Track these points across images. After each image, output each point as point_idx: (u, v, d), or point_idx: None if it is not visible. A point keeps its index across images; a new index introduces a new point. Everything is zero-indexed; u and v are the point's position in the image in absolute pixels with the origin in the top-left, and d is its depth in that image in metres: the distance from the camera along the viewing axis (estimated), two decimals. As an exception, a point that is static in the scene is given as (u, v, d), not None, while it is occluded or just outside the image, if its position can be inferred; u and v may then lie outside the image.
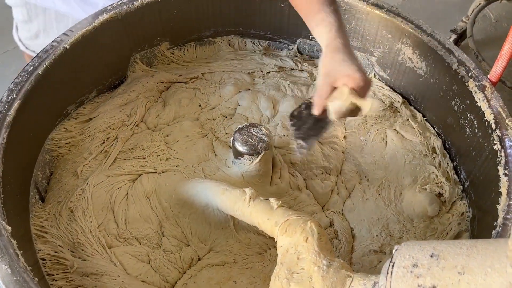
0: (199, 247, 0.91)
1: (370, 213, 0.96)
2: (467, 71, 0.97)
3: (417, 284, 0.51)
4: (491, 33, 1.48)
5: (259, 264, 0.89)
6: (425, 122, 1.12)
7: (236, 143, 0.93)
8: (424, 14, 1.84)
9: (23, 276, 0.66)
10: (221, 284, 0.85)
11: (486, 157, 0.90)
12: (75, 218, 0.91)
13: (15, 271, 0.66)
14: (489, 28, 1.62)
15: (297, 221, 0.75)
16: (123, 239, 0.90)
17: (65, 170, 1.00)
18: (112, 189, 0.96)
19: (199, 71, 1.21)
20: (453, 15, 1.96)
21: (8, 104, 0.87)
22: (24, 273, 0.66)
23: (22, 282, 0.65)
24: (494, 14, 1.70)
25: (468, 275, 0.48)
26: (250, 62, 1.25)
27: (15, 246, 0.70)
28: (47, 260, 0.85)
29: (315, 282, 0.66)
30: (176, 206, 0.95)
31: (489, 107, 0.90)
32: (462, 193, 0.99)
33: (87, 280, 0.83)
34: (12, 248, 0.69)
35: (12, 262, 0.67)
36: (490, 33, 1.48)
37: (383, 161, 1.04)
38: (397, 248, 0.57)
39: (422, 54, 1.07)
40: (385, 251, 0.91)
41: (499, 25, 1.62)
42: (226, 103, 1.13)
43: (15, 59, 1.40)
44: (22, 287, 0.64)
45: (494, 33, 1.48)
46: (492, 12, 1.70)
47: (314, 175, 1.03)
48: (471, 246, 0.51)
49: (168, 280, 0.86)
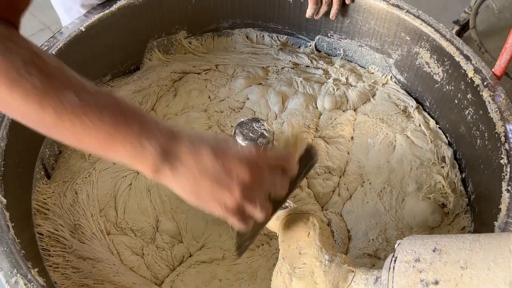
0: (192, 244, 0.91)
1: (369, 217, 0.95)
2: (483, 80, 0.93)
3: (420, 279, 0.51)
4: (494, 24, 1.42)
5: (248, 259, 0.89)
6: (438, 130, 1.08)
7: (236, 136, 0.93)
8: (427, 5, 1.78)
9: (10, 247, 0.68)
10: (207, 283, 0.85)
11: (493, 171, 0.87)
12: (78, 201, 0.93)
13: (3, 242, 0.69)
14: (492, 19, 1.55)
15: (299, 216, 0.75)
16: (120, 228, 0.92)
17: (73, 151, 1.03)
18: (117, 177, 0.98)
19: (213, 63, 1.21)
20: (455, 6, 1.91)
21: (19, 81, 0.90)
22: (12, 245, 0.68)
23: (8, 253, 0.67)
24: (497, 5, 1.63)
25: (470, 270, 0.48)
26: (266, 56, 1.24)
27: (7, 218, 0.72)
28: (45, 235, 0.88)
29: (317, 277, 0.66)
30: (175, 201, 0.95)
31: (501, 119, 0.87)
32: (467, 207, 0.96)
33: (83, 264, 0.85)
34: (4, 219, 0.71)
35: (1, 233, 0.70)
36: (493, 24, 1.42)
37: (389, 166, 1.01)
38: (399, 243, 0.57)
39: (440, 59, 1.03)
40: (379, 256, 0.90)
41: (502, 15, 1.55)
42: (235, 96, 1.13)
43: None
44: (8, 258, 0.67)
45: (497, 23, 1.42)
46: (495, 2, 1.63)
47: (316, 174, 1.02)
48: (474, 241, 0.51)
49: (159, 277, 0.87)
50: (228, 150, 0.54)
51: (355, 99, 1.13)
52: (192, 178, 0.52)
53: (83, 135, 0.49)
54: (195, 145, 0.52)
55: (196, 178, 0.52)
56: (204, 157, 0.51)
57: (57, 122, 0.49)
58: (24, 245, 0.72)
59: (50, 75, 0.50)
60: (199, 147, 0.52)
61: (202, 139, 0.53)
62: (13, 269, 0.66)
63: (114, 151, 0.50)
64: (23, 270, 0.66)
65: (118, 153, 0.50)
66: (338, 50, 1.25)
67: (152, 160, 0.50)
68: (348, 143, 1.06)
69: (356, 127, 1.09)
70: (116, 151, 0.50)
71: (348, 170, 1.02)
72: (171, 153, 0.51)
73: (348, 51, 1.24)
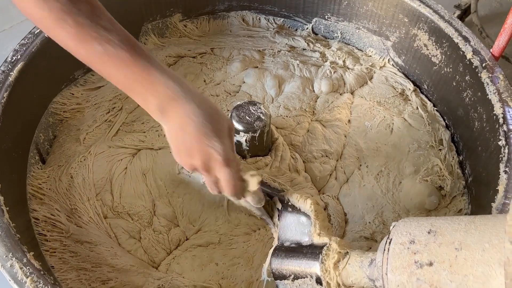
0: (188, 228, 0.91)
1: (365, 200, 0.94)
2: (482, 61, 0.92)
3: (414, 261, 0.51)
4: (495, 9, 1.40)
5: (244, 244, 0.89)
6: (436, 113, 1.08)
7: (233, 120, 0.92)
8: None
9: (5, 231, 0.68)
10: (203, 266, 0.85)
11: (491, 153, 0.86)
12: (74, 185, 0.93)
13: (-3, 226, 0.68)
14: (494, 4, 1.52)
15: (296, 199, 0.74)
16: (117, 212, 0.91)
17: (68, 136, 1.02)
18: (113, 161, 0.97)
19: (209, 46, 1.20)
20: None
21: (12, 64, 0.89)
22: (6, 229, 0.68)
23: (4, 237, 0.67)
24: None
25: (465, 251, 0.48)
26: (262, 39, 1.23)
27: (2, 202, 0.72)
28: (41, 220, 0.87)
29: None
30: (171, 185, 0.95)
31: (499, 101, 0.86)
32: (464, 189, 0.96)
33: (81, 248, 0.85)
34: (-2, 203, 0.71)
35: (-5, 217, 0.69)
36: (495, 8, 1.40)
37: (386, 148, 1.01)
38: (394, 225, 0.57)
39: (438, 41, 1.02)
40: (376, 239, 0.90)
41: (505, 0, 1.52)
42: (231, 79, 1.12)
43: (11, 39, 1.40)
44: (3, 242, 0.66)
45: (499, 8, 1.39)
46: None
47: (314, 158, 1.01)
48: (469, 222, 0.50)
49: (155, 261, 0.87)
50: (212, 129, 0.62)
51: (352, 82, 1.12)
52: (174, 137, 0.64)
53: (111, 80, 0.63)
54: (187, 114, 0.61)
55: (178, 138, 0.63)
56: (188, 128, 0.62)
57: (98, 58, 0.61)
58: (19, 230, 0.71)
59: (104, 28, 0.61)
60: (188, 118, 0.61)
61: (195, 112, 0.61)
62: (8, 253, 0.65)
63: (131, 96, 0.63)
64: (19, 254, 0.66)
65: (134, 98, 0.64)
66: (336, 33, 1.24)
67: (153, 112, 0.63)
68: (345, 126, 1.05)
69: (353, 110, 1.08)
70: (133, 97, 0.63)
71: (345, 153, 1.02)
72: (166, 112, 0.62)
73: (346, 33, 1.22)
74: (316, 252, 0.64)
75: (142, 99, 0.62)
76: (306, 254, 0.65)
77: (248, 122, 0.91)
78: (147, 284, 0.81)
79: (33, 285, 0.62)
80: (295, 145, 1.02)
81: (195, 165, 0.65)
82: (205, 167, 0.65)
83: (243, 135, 0.92)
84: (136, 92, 0.62)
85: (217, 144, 0.62)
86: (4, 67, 0.88)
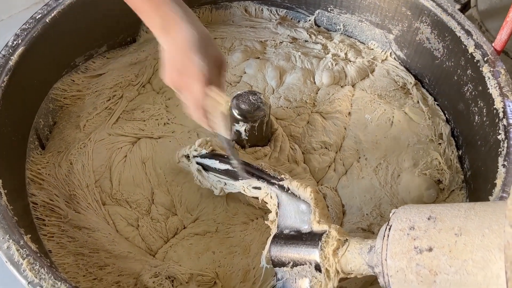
0: (186, 216, 0.91)
1: (364, 192, 0.94)
2: (483, 55, 0.92)
3: (414, 246, 0.51)
4: (496, 4, 1.38)
5: (241, 233, 0.89)
6: (436, 107, 1.08)
7: (233, 109, 0.92)
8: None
9: (3, 213, 0.67)
10: (200, 254, 0.86)
11: (490, 147, 0.86)
12: (73, 171, 0.93)
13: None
14: None
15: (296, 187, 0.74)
16: (115, 199, 0.91)
17: (68, 122, 1.02)
18: (113, 148, 0.97)
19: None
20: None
21: (13, 48, 0.88)
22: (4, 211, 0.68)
23: (0, 219, 0.67)
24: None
25: (465, 237, 0.48)
26: (264, 30, 1.22)
27: (0, 185, 0.71)
28: (40, 205, 0.87)
29: None
30: (170, 174, 0.95)
31: (500, 95, 0.86)
32: (463, 183, 0.96)
33: (79, 234, 0.85)
34: (-5, 186, 0.71)
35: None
36: (495, 3, 1.38)
37: (385, 141, 1.01)
38: (394, 211, 0.57)
39: (441, 34, 1.02)
40: (373, 231, 0.90)
41: None
42: (232, 70, 1.12)
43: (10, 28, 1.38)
44: (0, 224, 0.66)
45: (499, 3, 1.38)
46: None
47: (313, 149, 1.01)
48: (469, 209, 0.50)
49: (153, 249, 0.87)
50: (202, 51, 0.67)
51: (354, 74, 1.12)
52: (168, 54, 0.68)
53: None
54: (185, 35, 0.66)
55: (170, 54, 0.68)
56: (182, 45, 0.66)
57: None
58: (17, 213, 0.71)
59: None
60: (185, 38, 0.66)
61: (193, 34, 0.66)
62: (5, 235, 0.65)
63: (139, 14, 0.69)
64: (16, 236, 0.65)
65: (141, 17, 0.69)
66: (338, 25, 1.23)
67: (156, 29, 0.68)
68: (345, 119, 1.05)
69: (354, 103, 1.08)
70: (140, 16, 0.69)
71: (344, 145, 1.02)
72: (168, 31, 0.67)
73: (348, 26, 1.22)
74: (316, 239, 0.64)
75: (148, 18, 0.68)
76: (305, 241, 0.65)
77: (248, 112, 0.91)
78: (144, 271, 0.81)
79: (29, 267, 0.62)
80: (294, 136, 1.02)
81: (176, 82, 0.70)
82: (184, 82, 0.69)
83: (242, 124, 0.92)
84: (144, 11, 0.68)
85: (201, 62, 0.66)
86: (5, 51, 0.87)
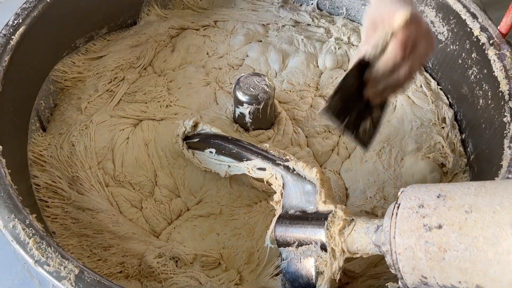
0: (189, 198, 0.91)
1: (367, 175, 0.94)
2: (489, 38, 0.91)
3: (423, 224, 0.50)
4: None
5: (245, 215, 0.89)
6: (439, 91, 1.07)
7: (237, 91, 0.92)
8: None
9: (8, 192, 0.67)
10: (204, 235, 0.85)
11: (495, 130, 0.86)
12: (76, 153, 0.92)
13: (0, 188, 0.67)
14: None
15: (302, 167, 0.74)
16: (118, 181, 0.91)
17: (69, 104, 1.01)
18: (115, 130, 0.97)
19: (212, 19, 1.18)
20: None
21: (13, 28, 0.87)
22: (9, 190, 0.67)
23: (6, 198, 0.66)
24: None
25: (475, 214, 0.47)
26: (266, 13, 1.21)
27: (4, 165, 0.71)
28: (42, 187, 0.87)
29: None
30: (172, 156, 0.94)
31: (505, 77, 0.86)
32: (466, 166, 0.96)
33: (83, 215, 0.84)
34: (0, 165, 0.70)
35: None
36: None
37: (389, 125, 1.01)
38: (403, 190, 0.56)
39: (445, 17, 1.01)
40: (377, 213, 0.90)
41: None
42: (234, 53, 1.11)
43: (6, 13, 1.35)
44: (5, 203, 0.66)
45: None
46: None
47: (316, 133, 1.01)
48: (480, 187, 0.50)
49: (156, 231, 0.86)
50: None
51: (357, 58, 1.11)
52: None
53: None
54: None
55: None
56: None
57: None
58: (20, 194, 0.70)
59: None
60: None
61: None
62: (10, 214, 0.65)
63: None
64: (21, 215, 0.65)
65: None
66: (341, 9, 1.22)
67: None
68: (348, 102, 1.05)
69: (357, 87, 1.07)
70: None
71: (348, 129, 1.01)
72: None
73: (351, 10, 1.21)
74: (322, 219, 0.64)
75: None
76: (311, 221, 0.65)
77: (252, 94, 0.91)
78: (148, 251, 0.81)
79: (35, 246, 0.62)
80: (298, 119, 1.02)
81: None
82: None
83: (247, 106, 0.92)
84: None
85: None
86: (5, 31, 0.86)
